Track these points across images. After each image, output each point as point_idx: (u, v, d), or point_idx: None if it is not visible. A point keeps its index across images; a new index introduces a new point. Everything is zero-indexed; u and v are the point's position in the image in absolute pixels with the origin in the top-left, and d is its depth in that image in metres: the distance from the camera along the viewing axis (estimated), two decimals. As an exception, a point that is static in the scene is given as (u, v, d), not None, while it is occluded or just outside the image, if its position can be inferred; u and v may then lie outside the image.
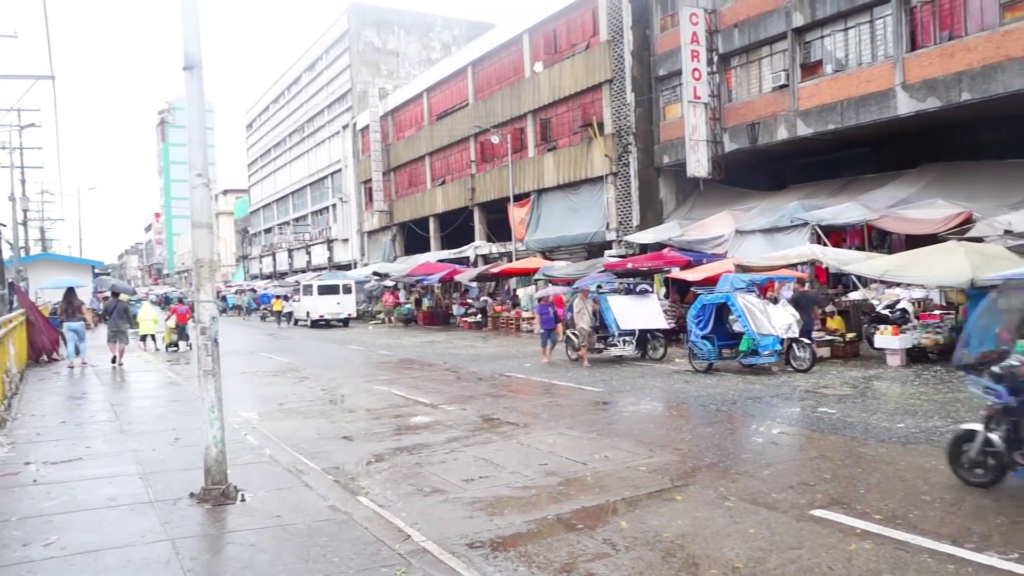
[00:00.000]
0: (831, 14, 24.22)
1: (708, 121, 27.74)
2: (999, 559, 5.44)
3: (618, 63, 31.36)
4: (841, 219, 21.41)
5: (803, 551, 5.75)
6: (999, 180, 21.12)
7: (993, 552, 5.57)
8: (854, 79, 23.61)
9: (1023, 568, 5.27)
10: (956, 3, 21.24)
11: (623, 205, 31.43)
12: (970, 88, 20.42)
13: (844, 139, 25.28)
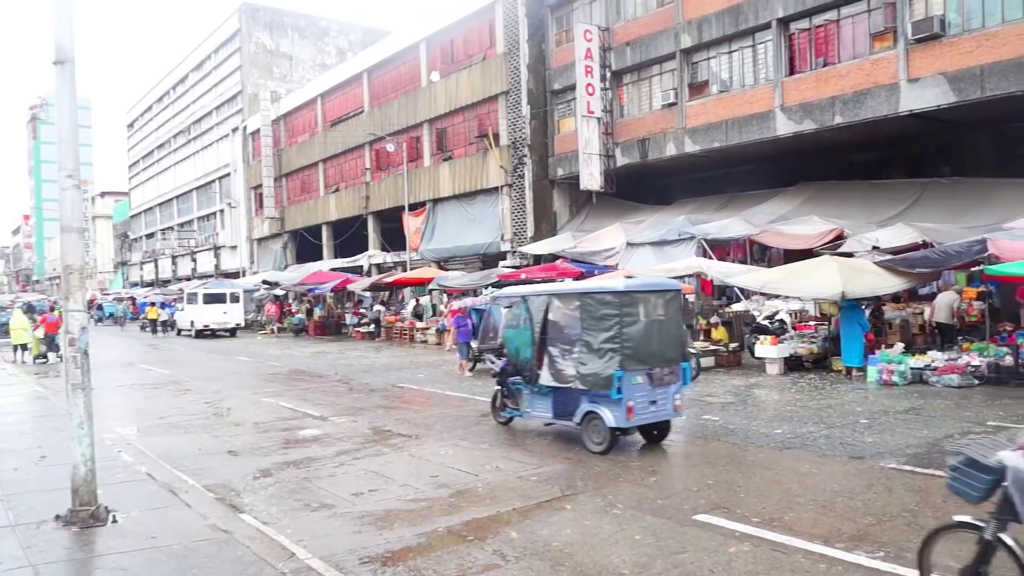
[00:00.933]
0: (717, 37, 25.28)
1: (601, 135, 28.38)
2: (867, 558, 5.75)
3: (514, 75, 31.70)
4: (725, 233, 22.30)
5: (686, 555, 5.92)
6: (868, 199, 22.52)
7: (861, 551, 5.88)
8: (738, 100, 24.70)
9: (888, 566, 5.59)
10: (830, 32, 22.56)
11: (518, 216, 31.73)
12: (842, 112, 21.71)
13: (728, 157, 26.38)
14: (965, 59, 19.31)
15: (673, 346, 9.99)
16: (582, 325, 9.75)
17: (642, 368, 9.53)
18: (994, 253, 13.73)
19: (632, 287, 10.10)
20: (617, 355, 9.29)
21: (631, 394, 9.36)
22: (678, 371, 10.04)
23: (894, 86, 20.58)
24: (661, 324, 9.86)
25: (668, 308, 10.01)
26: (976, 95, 19.06)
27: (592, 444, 9.61)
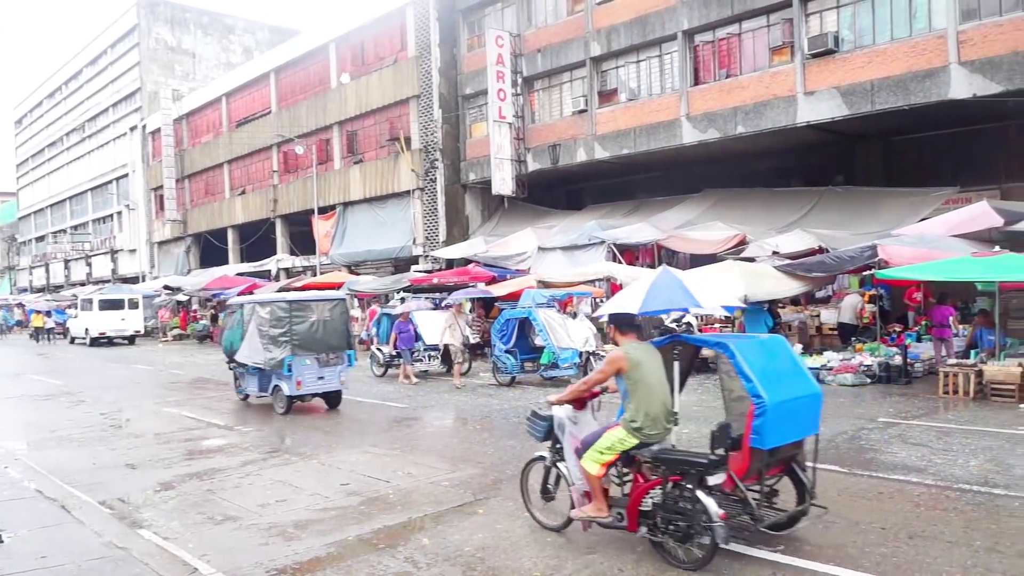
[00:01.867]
0: (625, 47, 25.85)
1: (513, 141, 28.58)
2: (767, 551, 5.94)
3: (425, 79, 31.57)
4: (634, 238, 22.77)
5: (596, 555, 5.99)
6: (768, 206, 23.43)
7: (763, 545, 6.06)
8: (645, 108, 25.31)
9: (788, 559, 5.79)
10: (733, 45, 23.40)
11: (430, 220, 31.59)
12: (744, 122, 22.53)
13: (637, 163, 26.99)
14: (857, 74, 20.35)
15: (338, 339, 14.00)
16: (269, 324, 13.43)
17: (310, 354, 13.52)
18: (884, 258, 14.47)
19: (301, 297, 14.59)
20: (288, 344, 13.32)
21: (300, 372, 13.40)
22: (343, 356, 14.06)
23: (792, 98, 21.50)
24: (326, 323, 13.81)
25: (334, 312, 14.03)
26: (867, 108, 20.11)
27: (278, 407, 13.70)
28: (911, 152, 23.18)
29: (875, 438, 9.90)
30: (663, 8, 24.58)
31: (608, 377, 6.31)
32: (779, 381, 5.89)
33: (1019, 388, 12.16)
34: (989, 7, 18.61)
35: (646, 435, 5.94)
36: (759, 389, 5.67)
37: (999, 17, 18.38)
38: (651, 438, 5.97)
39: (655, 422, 5.99)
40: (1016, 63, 17.57)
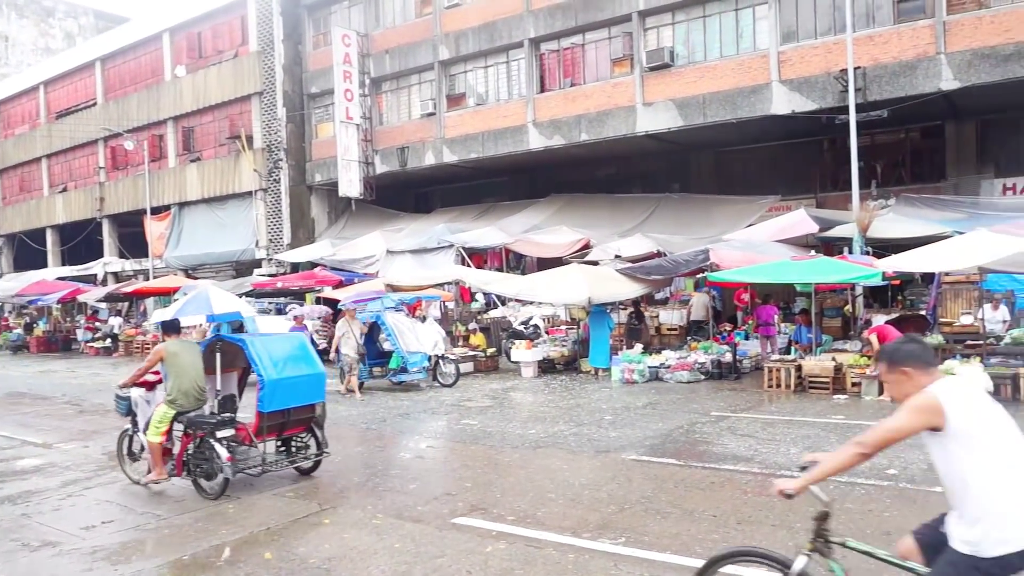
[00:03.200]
0: (473, 51, 26.08)
1: (360, 142, 28.12)
2: (610, 544, 6.16)
3: (269, 76, 30.47)
4: (483, 242, 23.01)
5: (445, 559, 5.98)
6: (611, 211, 24.35)
7: (605, 539, 6.28)
8: (493, 113, 25.64)
9: (628, 549, 6.02)
10: (577, 55, 24.15)
11: (274, 222, 30.51)
12: (588, 129, 23.30)
13: (485, 168, 27.29)
14: (690, 88, 21.54)
15: None
16: None
17: None
18: (715, 262, 15.40)
19: None
20: None
21: None
22: None
23: (632, 108, 22.46)
24: None
25: None
26: (699, 120, 21.33)
27: None
28: (739, 162, 24.83)
29: (708, 431, 10.50)
30: (510, 16, 25.00)
31: (154, 365, 8.36)
32: (284, 365, 8.30)
33: (833, 380, 13.27)
34: (806, 30, 20.25)
35: (179, 406, 8.16)
36: (262, 370, 8.12)
37: (814, 40, 20.03)
38: (184, 407, 8.18)
39: (187, 396, 8.18)
40: (828, 83, 19.20)
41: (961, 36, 18.03)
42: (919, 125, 21.55)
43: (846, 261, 14.56)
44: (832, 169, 22.36)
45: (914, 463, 8.32)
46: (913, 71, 18.45)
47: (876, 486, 7.52)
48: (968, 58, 17.83)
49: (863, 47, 18.61)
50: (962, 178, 20.91)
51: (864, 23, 19.21)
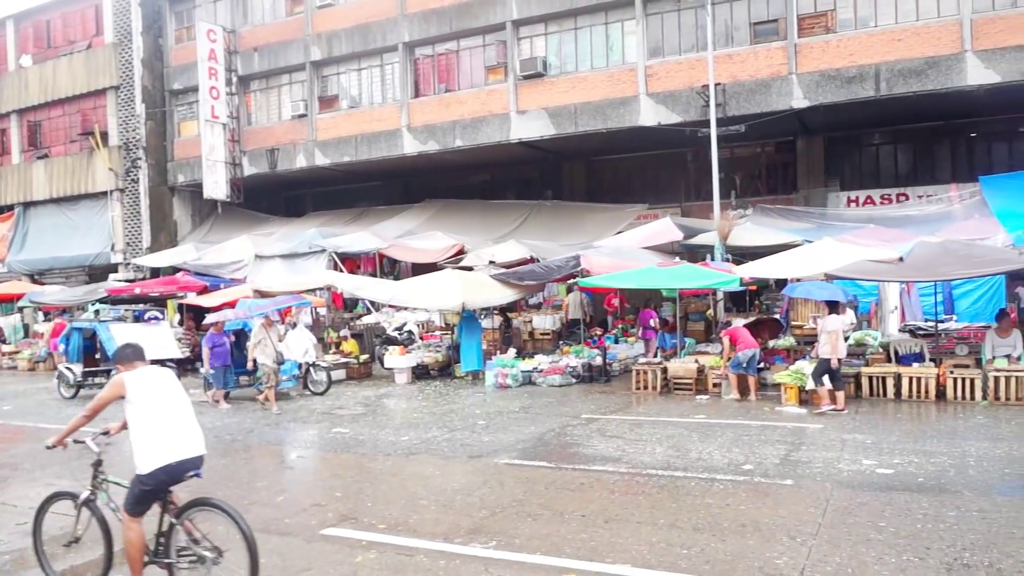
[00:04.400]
0: (346, 53, 25.64)
1: (227, 142, 27.06)
2: (481, 548, 6.17)
3: (126, 70, 28.82)
4: (356, 247, 22.62)
5: (312, 572, 5.81)
6: (486, 217, 24.49)
7: (476, 543, 6.29)
8: (367, 117, 25.29)
9: (500, 553, 6.05)
10: (451, 61, 24.19)
11: (132, 225, 28.85)
12: (462, 135, 23.37)
13: (359, 171, 26.86)
14: (562, 97, 22.01)
15: None
16: None
17: None
18: (586, 268, 15.77)
19: None
20: None
21: None
22: None
23: (506, 116, 22.71)
24: None
25: None
26: (571, 129, 21.84)
27: None
28: (609, 171, 25.60)
29: (579, 433, 10.72)
30: (384, 19, 24.76)
31: None
32: None
33: (696, 382, 13.86)
34: (671, 46, 21.13)
35: None
36: None
37: (679, 56, 20.93)
38: None
39: None
40: (692, 97, 20.10)
41: (810, 58, 19.32)
42: (773, 140, 22.91)
43: (708, 267, 15.27)
44: (696, 179, 23.41)
45: (768, 458, 8.80)
46: (768, 89, 19.61)
47: (733, 481, 7.90)
48: (816, 79, 19.13)
49: (723, 65, 19.60)
50: (811, 191, 22.38)
51: (724, 42, 20.24)
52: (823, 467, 8.36)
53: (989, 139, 21.72)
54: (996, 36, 17.66)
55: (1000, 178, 19.01)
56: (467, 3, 23.42)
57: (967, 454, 8.72)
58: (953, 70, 17.94)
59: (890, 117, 20.75)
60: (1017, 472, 8.00)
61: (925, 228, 16.82)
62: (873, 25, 19.06)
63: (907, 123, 21.47)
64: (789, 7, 19.53)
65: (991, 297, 17.66)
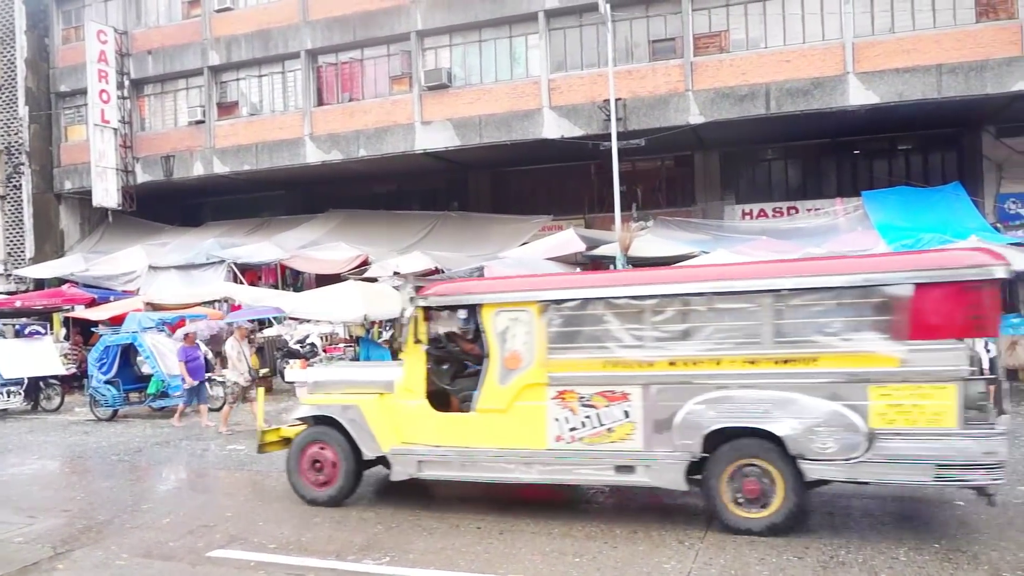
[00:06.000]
0: (247, 59, 25.02)
1: (118, 148, 25.94)
2: (373, 564, 6.08)
3: (8, 70, 27.27)
4: (256, 258, 22.05)
5: (195, 597, 5.60)
6: (390, 228, 24.26)
7: (369, 560, 6.19)
8: (268, 124, 24.71)
9: (393, 570, 5.98)
10: (355, 69, 23.93)
11: (14, 233, 27.24)
12: (366, 145, 23.13)
13: (260, 180, 26.18)
14: (467, 109, 22.08)
15: None
16: None
17: None
18: (489, 279, 15.81)
19: None
20: None
21: None
22: None
23: (411, 126, 22.61)
24: None
25: None
26: (476, 141, 21.92)
27: None
28: (515, 183, 25.80)
29: (480, 445, 10.70)
30: (286, 25, 24.29)
31: None
32: None
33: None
34: (573, 61, 21.52)
35: None
36: None
37: (581, 71, 21.33)
38: None
39: None
40: (594, 111, 20.49)
41: (706, 76, 20.02)
42: (673, 154, 23.58)
43: (609, 278, 15.55)
44: (599, 192, 23.81)
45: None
46: (666, 105, 20.20)
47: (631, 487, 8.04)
48: (712, 96, 19.83)
49: (623, 80, 20.07)
50: (709, 203, 23.16)
51: (624, 59, 20.75)
52: (714, 472, 8.61)
53: (871, 156, 22.99)
54: (875, 59, 18.75)
55: (880, 193, 20.13)
56: (371, 12, 23.23)
57: (847, 456, 9.15)
58: (837, 90, 18.93)
59: (781, 134, 21.69)
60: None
61: (813, 240, 17.63)
62: (764, 46, 19.92)
63: (797, 140, 22.50)
64: (685, 26, 20.20)
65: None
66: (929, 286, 5.94)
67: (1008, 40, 17.98)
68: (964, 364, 5.87)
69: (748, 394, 6.36)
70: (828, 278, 6.32)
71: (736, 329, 6.53)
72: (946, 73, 18.13)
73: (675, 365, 6.63)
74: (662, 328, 6.69)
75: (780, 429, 6.18)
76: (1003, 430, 5.94)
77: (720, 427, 6.38)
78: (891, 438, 5.99)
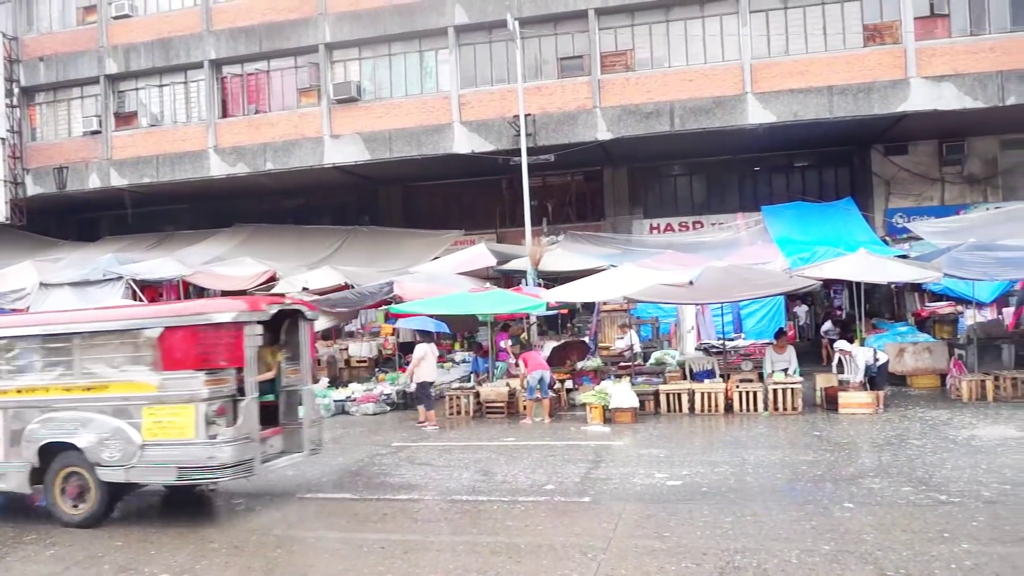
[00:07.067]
0: (147, 68, 24.19)
1: (7, 159, 24.59)
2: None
3: None
4: (157, 274, 21.18)
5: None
6: (299, 243, 23.77)
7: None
8: (170, 136, 23.92)
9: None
10: (262, 81, 23.43)
11: None
12: (274, 159, 22.64)
13: (161, 193, 25.27)
14: (377, 123, 21.92)
15: None
16: None
17: None
18: (399, 294, 15.67)
19: None
20: None
21: None
22: None
23: (319, 140, 22.28)
24: None
25: None
26: (386, 155, 21.78)
27: None
28: (426, 197, 25.72)
29: (387, 462, 10.56)
30: (188, 34, 23.62)
31: None
32: None
33: (507, 405, 14.10)
34: (483, 77, 21.65)
35: None
36: None
37: (491, 87, 21.48)
38: None
39: None
40: (504, 127, 20.64)
41: (613, 93, 20.47)
42: (582, 170, 23.98)
43: (520, 292, 15.65)
44: (510, 206, 23.96)
45: (569, 477, 9.08)
46: (575, 121, 20.53)
47: (535, 502, 8.06)
48: (618, 113, 20.27)
49: (533, 97, 20.31)
50: (618, 218, 23.62)
51: (533, 75, 21.01)
52: (619, 483, 8.74)
53: (770, 172, 23.93)
54: (772, 80, 19.56)
55: (779, 208, 20.98)
56: (278, 23, 22.82)
57: (747, 462, 9.43)
58: (737, 109, 19.64)
59: (686, 150, 22.34)
60: (788, 476, 8.75)
61: (716, 253, 18.18)
62: (668, 65, 20.52)
63: (701, 156, 23.21)
64: (592, 45, 20.61)
65: (773, 316, 19.40)
66: (173, 329, 7.62)
67: (893, 64, 19.04)
68: (201, 389, 7.47)
69: (65, 415, 7.95)
70: (108, 323, 8.09)
71: (59, 363, 8.13)
72: (837, 94, 19.07)
73: (21, 392, 8.23)
74: (11, 363, 8.34)
75: (81, 442, 7.77)
76: (230, 438, 7.48)
77: (48, 441, 7.94)
78: (155, 447, 7.58)
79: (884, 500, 7.54)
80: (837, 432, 11.19)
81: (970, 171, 21.31)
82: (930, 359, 14.95)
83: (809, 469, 8.97)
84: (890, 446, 10.04)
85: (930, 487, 7.92)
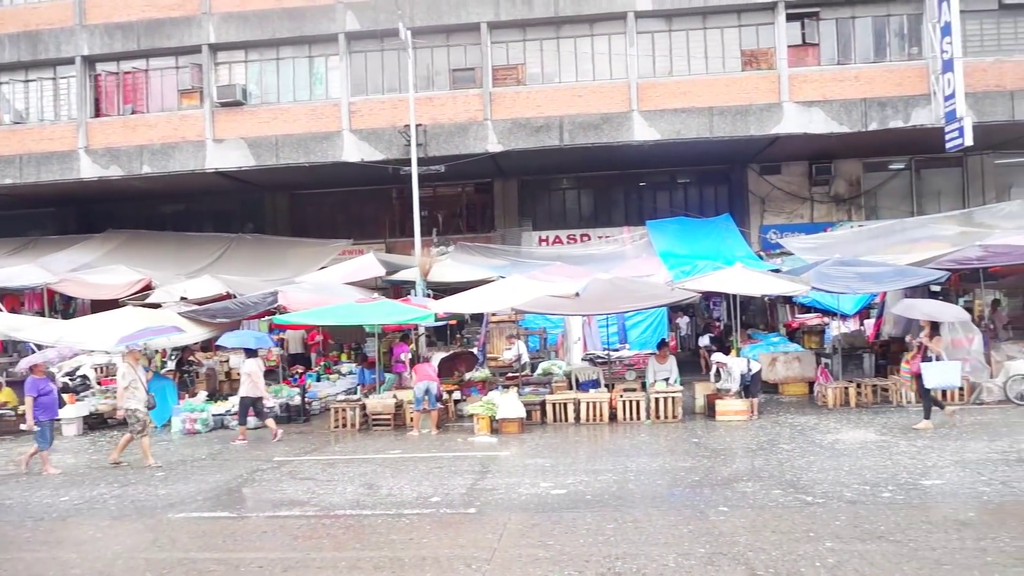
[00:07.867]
0: (11, 62, 22.68)
1: None
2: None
3: None
4: (18, 281, 19.83)
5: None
6: (178, 250, 22.78)
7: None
8: (36, 134, 22.48)
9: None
10: (139, 80, 22.37)
11: None
12: (151, 162, 21.63)
13: (25, 196, 23.72)
14: (263, 128, 21.32)
15: None
16: None
17: None
18: (283, 304, 15.24)
19: None
20: None
21: None
22: None
23: (201, 143, 21.47)
24: None
25: None
26: (272, 162, 21.21)
27: None
28: (314, 206, 25.18)
29: (268, 478, 10.21)
30: (59, 27, 22.30)
31: None
32: None
33: (394, 417, 13.92)
34: (374, 85, 21.43)
35: None
36: None
37: (382, 95, 21.28)
38: None
39: None
40: (394, 136, 20.48)
41: (504, 107, 20.67)
42: (473, 181, 24.09)
43: (408, 303, 15.50)
44: (400, 216, 23.80)
45: (455, 489, 9.04)
46: (466, 132, 20.60)
47: (420, 514, 7.98)
48: (509, 126, 20.48)
49: (424, 107, 20.25)
50: (508, 229, 23.83)
51: (425, 85, 20.96)
52: (505, 493, 8.76)
53: (655, 188, 24.73)
54: (656, 99, 20.25)
55: (662, 222, 21.71)
56: (158, 20, 21.88)
57: (629, 470, 9.66)
58: (623, 126, 20.21)
59: (575, 164, 22.80)
60: (668, 483, 9.01)
61: (603, 266, 18.58)
62: (558, 80, 20.91)
63: (589, 170, 23.75)
64: (484, 58, 20.77)
65: (656, 327, 19.99)
66: None
67: (768, 88, 20.09)
68: None
69: None
70: None
71: None
72: (717, 115, 19.94)
73: None
74: None
75: None
76: None
77: None
78: None
79: (756, 503, 7.88)
80: (714, 439, 11.63)
81: (836, 191, 22.74)
82: (799, 368, 15.77)
83: (687, 475, 9.28)
84: (762, 451, 10.51)
85: (798, 489, 8.33)
